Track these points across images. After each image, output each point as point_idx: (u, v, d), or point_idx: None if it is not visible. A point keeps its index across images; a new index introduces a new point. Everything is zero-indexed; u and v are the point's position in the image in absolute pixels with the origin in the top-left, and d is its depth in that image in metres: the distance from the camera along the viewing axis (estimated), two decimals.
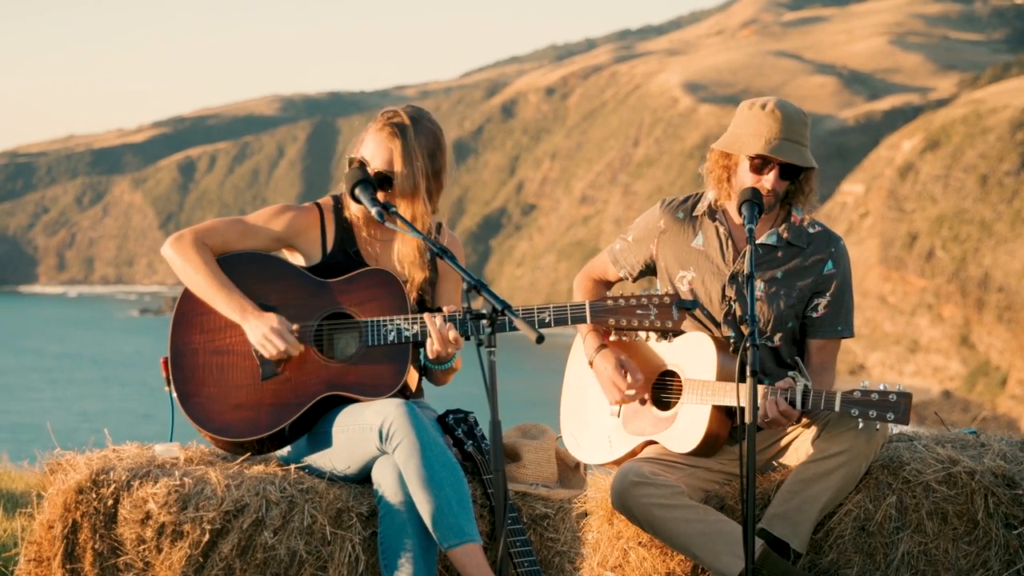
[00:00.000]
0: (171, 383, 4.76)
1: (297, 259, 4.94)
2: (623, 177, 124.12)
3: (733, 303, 5.24)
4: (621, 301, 4.68)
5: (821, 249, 5.29)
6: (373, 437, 4.52)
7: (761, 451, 5.27)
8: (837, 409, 4.87)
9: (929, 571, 5.05)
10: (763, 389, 4.95)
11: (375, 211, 4.63)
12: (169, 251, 4.81)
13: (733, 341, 5.18)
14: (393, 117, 4.84)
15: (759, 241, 5.27)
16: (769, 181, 5.13)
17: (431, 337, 4.63)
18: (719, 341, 5.17)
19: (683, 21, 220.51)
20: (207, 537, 4.45)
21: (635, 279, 5.54)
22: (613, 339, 5.39)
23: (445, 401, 5.07)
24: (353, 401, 4.69)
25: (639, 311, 4.68)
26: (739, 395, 4.64)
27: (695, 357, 5.19)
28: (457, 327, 4.63)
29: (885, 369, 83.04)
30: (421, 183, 4.81)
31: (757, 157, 5.13)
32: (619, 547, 5.34)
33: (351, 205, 4.91)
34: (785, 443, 5.25)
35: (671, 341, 5.27)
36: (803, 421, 5.18)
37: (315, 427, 4.75)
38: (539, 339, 4.03)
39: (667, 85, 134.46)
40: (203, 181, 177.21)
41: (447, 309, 4.68)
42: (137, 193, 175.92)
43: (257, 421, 4.69)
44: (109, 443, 4.93)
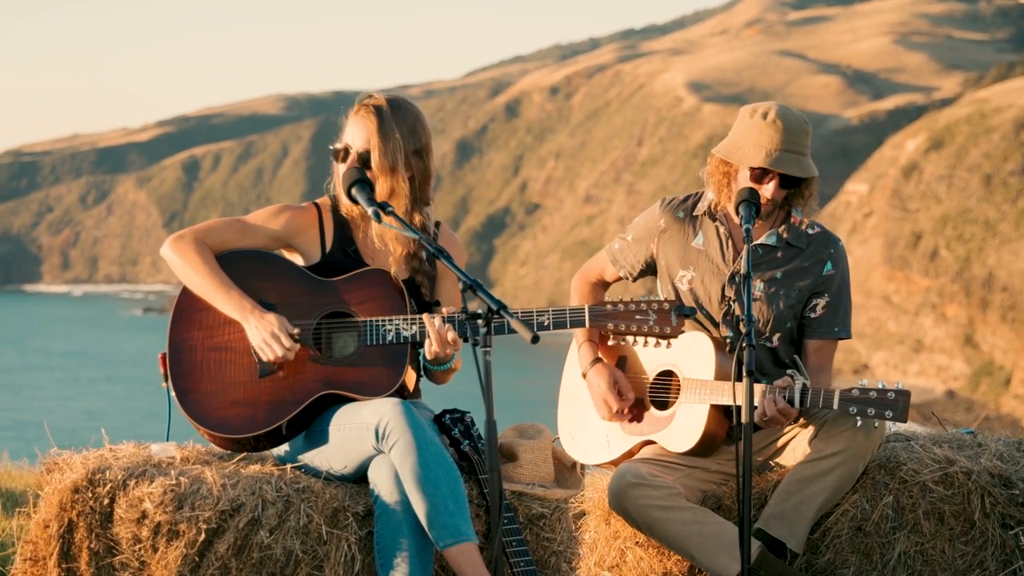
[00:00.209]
0: (169, 379, 4.77)
1: (296, 259, 4.94)
2: (627, 176, 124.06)
3: (732, 303, 5.24)
4: (620, 306, 4.68)
5: (820, 250, 5.29)
6: (369, 436, 4.51)
7: (758, 451, 5.27)
8: (835, 407, 4.87)
9: (926, 571, 5.05)
10: (761, 388, 4.96)
11: (371, 211, 4.63)
12: (168, 251, 4.81)
13: (730, 341, 5.18)
14: (369, 100, 4.88)
15: (759, 241, 5.27)
16: (769, 191, 5.13)
17: (430, 338, 4.63)
18: (717, 341, 5.17)
19: (687, 20, 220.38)
20: (203, 536, 4.44)
21: (635, 279, 5.54)
22: (612, 343, 5.40)
23: (443, 401, 5.07)
24: (350, 400, 4.69)
25: (638, 316, 4.68)
26: (735, 394, 4.64)
27: (693, 357, 5.19)
28: (456, 328, 4.63)
29: (889, 369, 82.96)
30: (400, 159, 4.82)
31: (757, 168, 5.13)
32: (616, 547, 5.34)
33: (346, 204, 4.92)
34: (782, 443, 5.25)
35: (670, 347, 5.28)
36: (800, 421, 5.18)
37: (312, 425, 4.74)
38: (534, 339, 4.04)
39: (671, 84, 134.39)
40: (207, 180, 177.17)
41: (446, 310, 4.68)
42: (141, 192, 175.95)
43: (254, 418, 4.69)
44: (106, 442, 4.93)
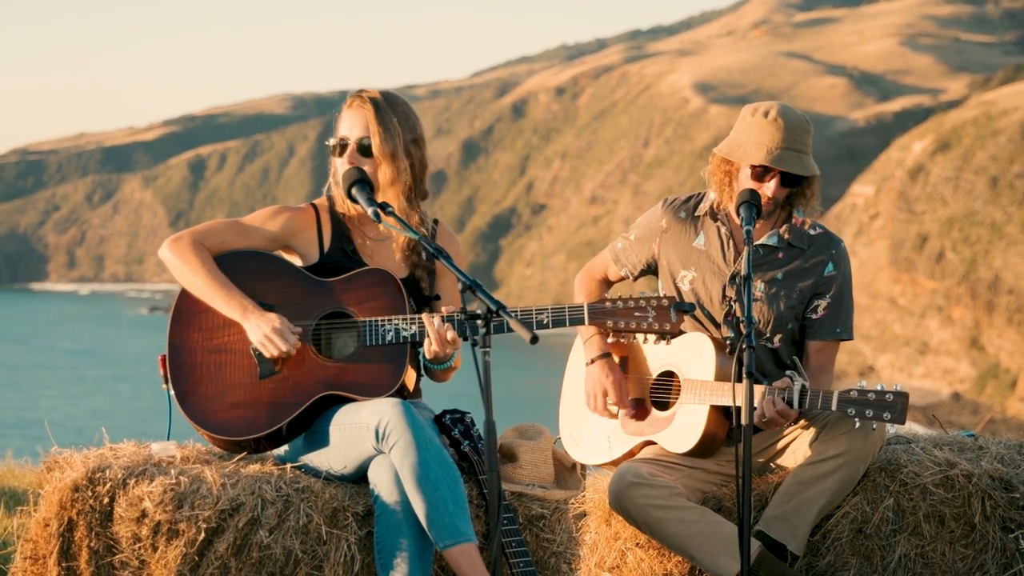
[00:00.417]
0: (169, 381, 4.77)
1: (295, 260, 4.93)
2: (633, 177, 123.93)
3: (733, 303, 5.24)
4: (619, 303, 4.68)
5: (822, 251, 5.29)
6: (369, 436, 4.51)
7: (758, 453, 5.27)
8: (834, 408, 4.87)
9: (926, 574, 5.04)
10: (761, 389, 4.95)
11: (371, 211, 4.63)
12: (167, 253, 4.81)
13: (730, 342, 5.18)
14: (362, 93, 4.92)
15: (761, 242, 5.27)
16: (770, 189, 5.13)
17: (429, 337, 4.63)
18: (718, 342, 5.17)
19: (694, 21, 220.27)
20: (202, 536, 4.44)
21: (636, 278, 5.54)
22: (611, 340, 5.40)
23: (443, 401, 5.07)
24: (350, 400, 4.68)
25: (637, 313, 4.68)
26: (735, 395, 4.64)
27: (694, 357, 5.19)
28: (455, 327, 4.63)
29: (895, 371, 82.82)
30: (399, 145, 4.84)
31: (758, 166, 5.13)
32: (616, 548, 5.34)
33: (345, 203, 4.92)
34: (783, 445, 5.24)
35: (669, 343, 5.28)
36: (801, 423, 5.18)
37: (312, 426, 4.74)
38: (533, 339, 4.04)
39: (677, 85, 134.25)
40: (213, 179, 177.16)
41: (445, 309, 4.68)
42: (147, 191, 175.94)
43: (254, 420, 4.69)
44: (106, 441, 4.93)
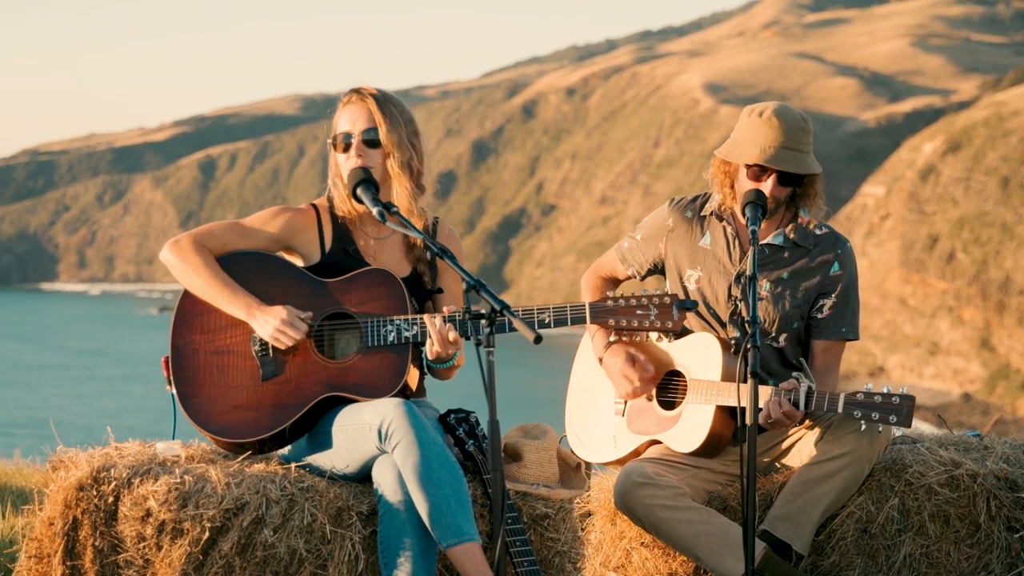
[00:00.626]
0: (172, 383, 4.77)
1: (296, 261, 4.93)
2: (643, 178, 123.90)
3: (739, 303, 5.24)
4: (621, 301, 4.67)
5: (828, 250, 5.29)
6: (372, 436, 4.51)
7: (763, 453, 5.27)
8: (840, 410, 4.86)
9: (931, 573, 5.04)
10: (768, 390, 4.95)
11: (376, 211, 4.63)
12: (168, 255, 4.80)
13: (735, 342, 5.18)
14: (359, 89, 4.93)
15: (767, 241, 5.28)
16: (767, 188, 5.13)
17: (431, 338, 4.63)
18: (724, 342, 5.17)
19: (704, 22, 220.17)
20: (207, 535, 4.45)
21: (643, 278, 5.54)
22: (614, 339, 5.39)
23: (448, 400, 5.06)
24: (353, 401, 4.68)
25: (639, 311, 4.67)
26: (740, 395, 4.63)
27: (700, 357, 5.19)
28: (457, 327, 4.63)
29: (905, 371, 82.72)
30: (403, 135, 4.86)
31: (754, 165, 5.13)
32: (622, 547, 5.34)
33: (345, 203, 4.92)
34: (788, 445, 5.24)
35: (671, 341, 5.28)
36: (806, 423, 5.17)
37: (315, 427, 4.74)
38: (537, 339, 4.03)
39: (688, 86, 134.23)
40: (224, 180, 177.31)
41: (447, 309, 4.67)
42: (158, 192, 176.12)
43: (257, 422, 4.69)
44: (112, 440, 4.94)
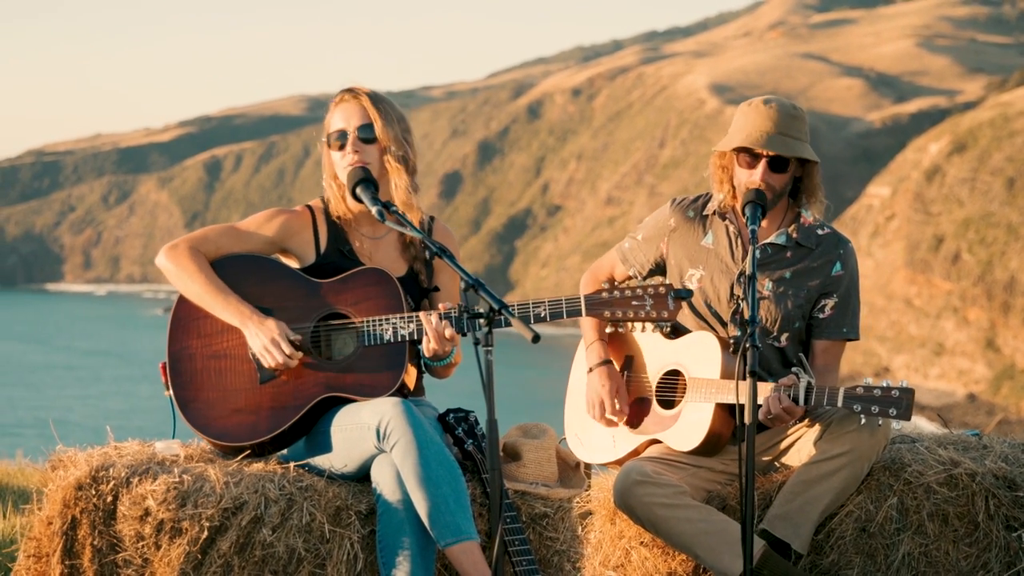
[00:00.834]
0: (170, 388, 4.77)
1: (292, 263, 4.93)
2: (649, 178, 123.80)
3: (741, 301, 5.24)
4: (616, 293, 4.65)
5: (830, 250, 5.29)
6: (370, 436, 4.51)
7: (763, 452, 5.27)
8: (840, 405, 4.87)
9: (930, 572, 5.04)
10: (767, 386, 4.95)
11: (375, 210, 4.63)
12: (163, 260, 4.80)
13: (734, 341, 5.18)
14: (351, 89, 4.93)
15: (769, 240, 5.28)
16: (758, 174, 5.14)
17: (427, 335, 4.63)
18: (723, 340, 5.17)
19: (710, 23, 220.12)
20: (205, 534, 4.45)
21: (644, 278, 5.54)
22: (609, 331, 5.39)
23: (447, 400, 5.06)
24: (351, 401, 4.68)
25: (634, 302, 4.64)
26: (739, 394, 4.63)
27: (700, 356, 5.19)
28: (453, 324, 4.63)
29: (910, 372, 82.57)
30: (398, 131, 4.88)
31: (743, 151, 5.15)
32: (621, 547, 5.34)
33: (340, 204, 4.92)
34: (787, 444, 5.24)
35: (673, 339, 5.28)
36: (806, 421, 5.17)
37: (314, 428, 4.74)
38: (535, 339, 4.02)
39: (694, 87, 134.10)
40: (229, 180, 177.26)
41: (443, 307, 4.67)
42: (163, 192, 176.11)
43: (256, 425, 4.69)
44: (111, 440, 4.94)
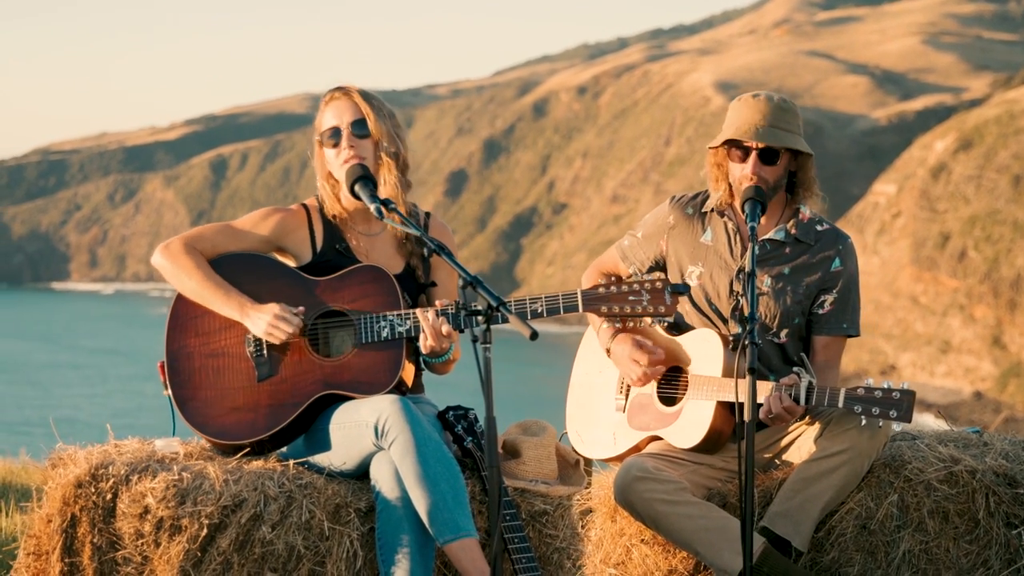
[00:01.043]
0: (168, 387, 4.78)
1: (288, 262, 4.93)
2: (655, 176, 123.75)
3: (741, 298, 5.24)
4: (613, 288, 4.63)
5: (829, 246, 5.29)
6: (369, 434, 4.51)
7: (763, 449, 5.26)
8: (840, 406, 4.86)
9: (930, 569, 5.03)
10: (768, 385, 4.95)
11: (374, 207, 4.63)
12: (159, 259, 4.80)
13: (733, 339, 5.17)
14: (342, 87, 4.93)
15: (768, 236, 5.28)
16: (749, 167, 5.14)
17: (424, 332, 4.63)
18: (725, 338, 5.17)
19: (715, 20, 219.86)
20: (205, 532, 4.46)
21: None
22: (606, 325, 5.38)
23: (448, 397, 5.07)
24: (349, 398, 4.68)
25: (631, 297, 4.63)
26: (738, 391, 4.63)
27: (702, 353, 5.19)
28: (450, 321, 4.63)
29: (916, 370, 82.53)
30: (390, 126, 4.88)
31: (734, 146, 5.16)
32: (622, 544, 5.34)
33: (335, 203, 4.93)
34: (787, 441, 5.24)
35: (675, 336, 5.28)
36: (806, 419, 5.17)
37: (312, 425, 4.75)
38: (533, 336, 4.02)
39: (699, 84, 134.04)
40: (235, 179, 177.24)
41: (439, 303, 4.67)
42: (169, 191, 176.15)
43: (255, 423, 4.70)
44: (111, 438, 4.95)
